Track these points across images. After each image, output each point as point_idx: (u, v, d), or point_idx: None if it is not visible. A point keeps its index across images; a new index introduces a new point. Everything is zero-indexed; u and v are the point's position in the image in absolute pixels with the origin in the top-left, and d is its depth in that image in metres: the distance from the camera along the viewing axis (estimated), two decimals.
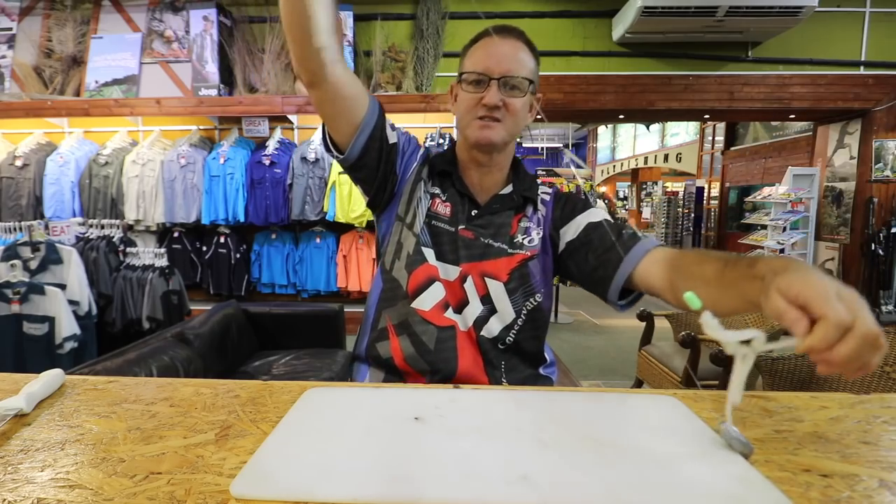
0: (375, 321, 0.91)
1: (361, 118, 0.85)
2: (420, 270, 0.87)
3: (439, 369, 0.85)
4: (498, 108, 0.85)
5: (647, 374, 2.66)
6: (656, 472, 0.48)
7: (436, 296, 0.87)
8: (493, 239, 0.89)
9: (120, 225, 3.35)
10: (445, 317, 0.87)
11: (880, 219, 4.65)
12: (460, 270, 0.87)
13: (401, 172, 0.93)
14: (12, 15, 4.56)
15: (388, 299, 0.90)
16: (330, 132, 0.87)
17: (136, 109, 4.24)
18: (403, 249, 0.89)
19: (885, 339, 0.48)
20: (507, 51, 0.86)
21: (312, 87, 0.79)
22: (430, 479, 0.47)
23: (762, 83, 4.49)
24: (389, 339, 0.88)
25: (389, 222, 0.93)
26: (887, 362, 1.60)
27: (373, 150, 0.87)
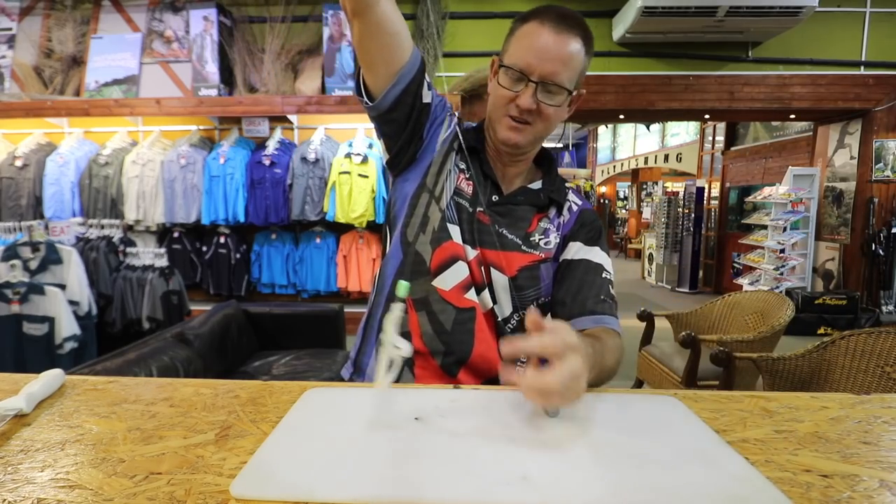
0: (392, 295, 0.84)
1: (401, 65, 0.79)
2: (445, 248, 0.82)
3: (453, 351, 0.81)
4: (531, 111, 0.79)
5: (647, 375, 2.66)
6: (656, 473, 0.48)
7: (458, 275, 0.82)
8: (508, 229, 0.85)
9: (120, 225, 3.36)
10: (466, 298, 0.82)
11: (880, 219, 4.65)
12: (477, 253, 0.83)
13: (427, 137, 0.87)
14: (12, 15, 4.56)
15: (407, 273, 0.84)
16: (366, 74, 0.80)
17: (136, 109, 4.24)
18: (430, 223, 0.83)
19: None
20: (556, 49, 0.77)
21: (357, 14, 0.72)
22: (429, 480, 0.47)
23: (762, 83, 4.49)
24: (408, 313, 0.82)
25: (410, 189, 0.87)
26: (887, 362, 1.60)
27: (405, 104, 0.81)
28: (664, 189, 8.92)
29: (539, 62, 0.77)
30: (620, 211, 13.50)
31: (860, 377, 1.65)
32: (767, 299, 2.50)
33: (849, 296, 4.65)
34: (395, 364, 0.61)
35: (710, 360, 2.00)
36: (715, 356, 1.97)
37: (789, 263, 5.10)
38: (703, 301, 2.85)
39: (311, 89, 4.32)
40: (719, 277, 7.14)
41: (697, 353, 2.24)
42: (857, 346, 1.67)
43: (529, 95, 0.78)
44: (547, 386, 0.52)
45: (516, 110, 0.80)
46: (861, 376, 1.64)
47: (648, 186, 11.54)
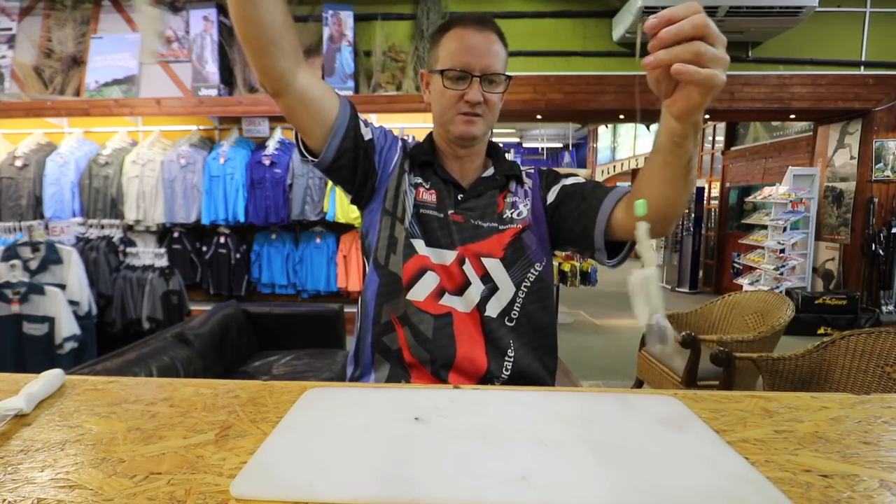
0: (377, 316, 0.90)
1: (333, 120, 0.84)
2: (411, 262, 0.87)
3: (437, 357, 0.84)
4: (479, 103, 0.86)
5: (647, 375, 2.66)
6: (656, 472, 0.48)
7: (429, 285, 0.86)
8: (482, 220, 0.91)
9: (120, 225, 3.36)
10: (440, 304, 0.86)
11: (880, 219, 4.65)
12: (457, 254, 0.87)
13: (380, 168, 0.93)
14: (12, 15, 4.56)
15: (386, 294, 0.89)
16: (303, 138, 0.86)
17: (136, 109, 4.24)
18: (397, 243, 0.89)
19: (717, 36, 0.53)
20: (485, 45, 0.86)
21: (278, 95, 0.78)
22: (429, 480, 0.47)
23: (762, 83, 4.49)
24: (396, 330, 0.87)
25: (376, 217, 0.93)
26: (887, 362, 1.60)
27: (348, 151, 0.87)
28: None
29: (476, 59, 0.85)
30: None
31: (860, 377, 1.65)
32: (767, 299, 2.50)
33: (849, 296, 4.65)
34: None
35: (710, 360, 2.00)
36: (715, 356, 1.97)
37: (789, 263, 5.10)
38: (703, 301, 2.85)
39: None
40: (719, 277, 7.14)
41: (697, 353, 2.24)
42: (857, 346, 1.67)
43: (476, 89, 0.85)
44: (698, 15, 0.51)
45: (467, 106, 0.87)
46: (861, 376, 1.64)
47: None
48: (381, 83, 4.32)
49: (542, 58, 4.48)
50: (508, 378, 0.86)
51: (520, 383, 0.86)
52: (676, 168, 0.68)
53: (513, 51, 3.62)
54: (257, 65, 0.74)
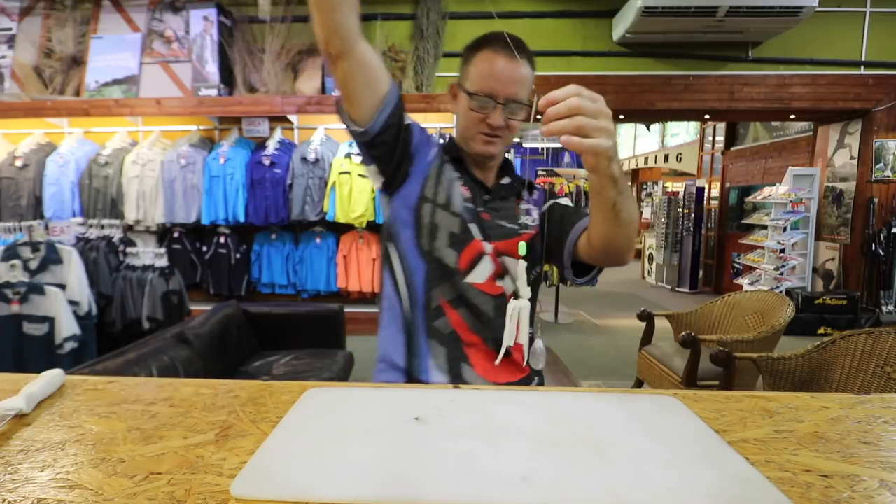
0: (427, 301, 0.93)
1: (385, 92, 0.86)
2: (471, 247, 0.93)
3: (499, 336, 0.90)
4: (501, 127, 0.92)
5: (647, 374, 2.66)
6: (656, 472, 0.48)
7: (487, 269, 0.93)
8: (505, 221, 0.98)
9: (120, 225, 3.36)
10: (497, 285, 0.93)
11: (881, 219, 4.65)
12: (493, 247, 0.94)
13: (415, 155, 0.96)
14: (12, 15, 4.56)
15: (435, 278, 0.93)
16: (349, 108, 0.87)
17: (136, 109, 4.24)
18: (441, 229, 0.92)
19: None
20: (513, 74, 0.90)
21: (343, 57, 0.79)
22: (430, 480, 0.47)
23: (762, 83, 4.49)
24: (447, 314, 0.92)
25: (412, 204, 0.94)
26: (887, 362, 1.60)
27: (393, 127, 0.89)
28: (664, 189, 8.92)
29: (502, 87, 0.90)
30: None
31: (860, 377, 1.65)
32: (767, 299, 2.50)
33: (849, 296, 4.65)
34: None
35: (710, 360, 2.00)
36: (715, 356, 1.97)
37: (789, 263, 5.10)
38: (703, 301, 2.85)
39: (311, 89, 4.32)
40: (719, 277, 7.13)
41: (697, 353, 2.24)
42: (857, 346, 1.67)
43: (499, 115, 0.91)
44: (574, 97, 0.63)
45: (488, 128, 0.92)
46: (861, 376, 1.65)
47: (648, 186, 11.54)
48: None
49: (542, 58, 4.48)
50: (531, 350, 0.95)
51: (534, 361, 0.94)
52: (605, 210, 0.76)
53: None
54: (330, 22, 0.75)
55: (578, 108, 0.63)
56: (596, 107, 0.65)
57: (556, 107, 0.64)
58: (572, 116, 0.64)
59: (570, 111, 0.64)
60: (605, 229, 0.81)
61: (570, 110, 0.64)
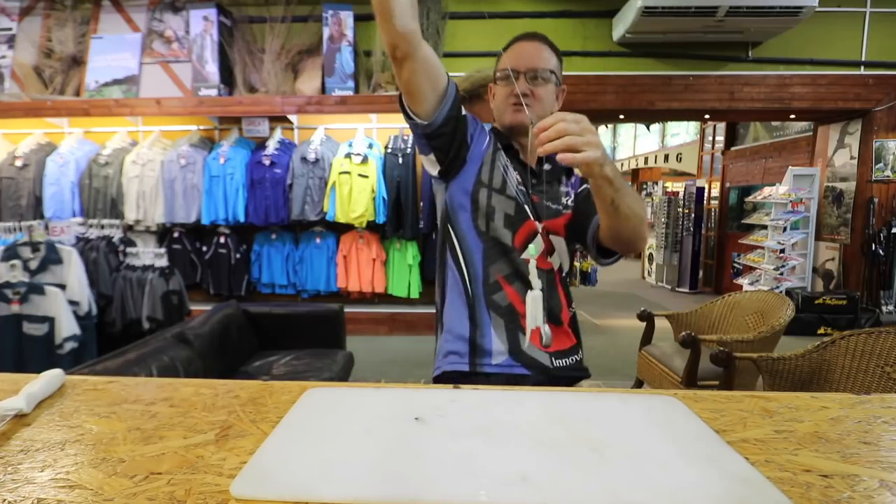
0: (486, 277, 1.02)
1: (444, 87, 0.93)
2: (525, 227, 1.01)
3: (552, 306, 1.01)
4: (526, 95, 0.98)
5: (647, 374, 2.66)
6: (656, 472, 0.48)
7: (539, 245, 0.98)
8: (552, 202, 1.06)
9: (120, 225, 3.36)
10: (548, 261, 1.03)
11: (881, 219, 4.65)
12: (543, 226, 1.02)
13: (472, 143, 1.04)
14: (12, 15, 4.56)
15: (491, 256, 1.02)
16: (412, 104, 0.93)
17: (136, 109, 4.24)
18: (497, 211, 1.01)
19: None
20: (531, 50, 1.01)
21: (408, 58, 0.85)
22: (429, 480, 0.47)
23: (762, 83, 4.49)
24: (504, 289, 1.01)
25: (469, 189, 1.03)
26: (887, 362, 1.60)
27: (453, 119, 0.96)
28: (664, 189, 8.92)
29: (522, 61, 1.00)
30: None
31: (860, 377, 1.65)
32: (767, 299, 2.50)
33: (849, 296, 4.65)
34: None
35: (710, 360, 2.00)
36: (715, 356, 1.97)
37: (789, 263, 5.10)
38: (703, 301, 2.85)
39: (311, 89, 4.32)
40: (719, 277, 7.13)
41: (697, 353, 2.23)
42: (857, 346, 1.67)
43: (522, 81, 0.99)
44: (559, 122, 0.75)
45: (514, 98, 0.99)
46: (861, 376, 1.64)
47: (648, 186, 11.54)
48: (381, 83, 4.31)
49: None
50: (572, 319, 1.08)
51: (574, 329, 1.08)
52: (605, 207, 0.87)
53: None
54: (396, 27, 0.80)
55: (565, 130, 0.75)
56: (580, 126, 0.76)
57: (547, 132, 0.75)
58: (562, 137, 0.75)
59: (557, 133, 0.75)
60: (608, 223, 0.91)
61: (558, 133, 0.75)
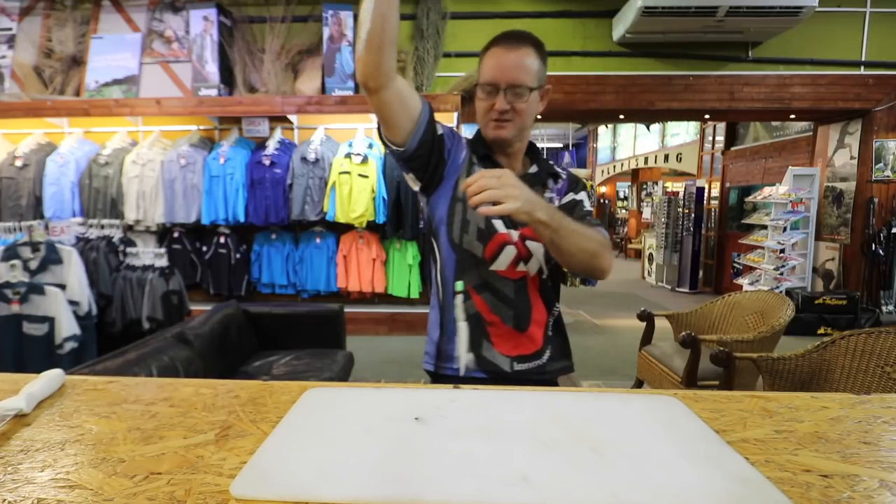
0: (457, 287, 1.07)
1: (418, 115, 0.98)
2: (495, 240, 1.05)
3: (520, 312, 1.05)
4: (506, 111, 1.01)
5: (647, 374, 2.66)
6: (656, 472, 0.48)
7: (509, 256, 1.05)
8: None
9: (120, 225, 3.35)
10: (518, 270, 1.06)
11: (881, 219, 4.65)
12: (519, 233, 1.06)
13: (449, 160, 1.07)
14: (12, 15, 4.56)
15: (464, 268, 1.06)
16: (387, 131, 0.99)
17: (136, 109, 4.23)
18: (471, 224, 1.05)
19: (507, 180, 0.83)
20: (514, 61, 1.00)
21: (381, 89, 0.90)
22: (430, 480, 0.47)
23: (762, 83, 4.49)
24: (473, 298, 1.06)
25: (445, 203, 1.07)
26: (887, 362, 1.60)
27: (427, 143, 1.01)
28: (664, 189, 8.92)
29: (503, 73, 1.00)
30: (620, 211, 13.50)
31: (860, 377, 1.65)
32: (767, 299, 2.50)
33: (849, 296, 4.65)
34: None
35: (710, 360, 2.00)
36: (715, 356, 1.97)
37: (789, 263, 5.10)
38: (703, 301, 2.85)
39: (311, 89, 4.32)
40: (719, 277, 7.13)
41: (697, 353, 2.24)
42: (857, 346, 1.67)
43: (502, 98, 1.01)
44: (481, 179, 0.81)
45: (496, 114, 1.02)
46: (861, 376, 1.65)
47: (648, 186, 11.54)
48: None
49: None
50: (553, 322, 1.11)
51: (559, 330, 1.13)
52: (547, 245, 0.96)
53: None
54: (376, 60, 0.86)
55: (486, 186, 0.81)
56: (500, 181, 0.83)
57: (471, 189, 0.82)
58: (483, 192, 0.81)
59: (479, 189, 0.81)
60: (557, 258, 0.99)
61: (480, 188, 0.81)
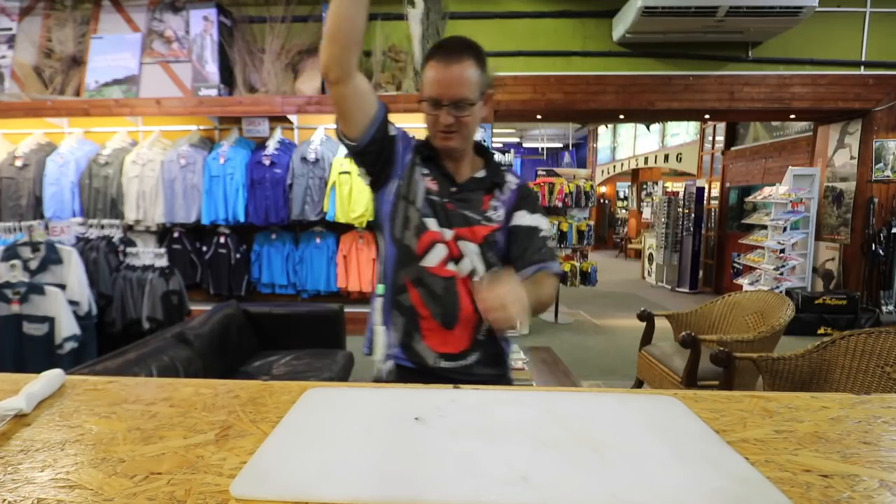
0: (395, 279, 1.12)
1: (374, 113, 1.04)
2: (425, 237, 1.09)
3: (447, 310, 1.08)
4: (451, 125, 1.06)
5: (647, 374, 2.66)
6: (656, 472, 0.48)
7: (439, 254, 1.09)
8: (469, 211, 1.12)
9: (120, 225, 3.36)
10: (447, 269, 1.09)
11: (881, 219, 4.65)
12: (453, 233, 1.10)
13: (397, 160, 1.13)
14: (12, 15, 4.56)
15: (402, 262, 1.11)
16: (342, 124, 1.05)
17: (136, 109, 4.23)
18: (410, 222, 1.10)
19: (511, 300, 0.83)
20: (454, 76, 1.04)
21: (341, 83, 0.96)
22: (430, 479, 0.47)
23: (762, 83, 4.49)
24: (409, 291, 1.10)
25: (390, 200, 1.13)
26: (887, 362, 1.60)
27: (378, 141, 1.07)
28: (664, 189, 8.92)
29: (444, 90, 1.04)
30: (620, 211, 13.49)
31: (860, 377, 1.65)
32: (767, 299, 2.50)
33: (849, 296, 4.65)
34: None
35: (710, 360, 2.00)
36: (715, 356, 1.97)
37: (789, 263, 5.10)
38: (703, 301, 2.85)
39: (311, 89, 4.32)
40: (719, 277, 7.13)
41: (697, 353, 2.24)
42: (857, 346, 1.67)
43: (446, 114, 1.05)
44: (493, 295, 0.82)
45: (442, 126, 1.07)
46: (861, 376, 1.65)
47: (648, 186, 11.54)
48: (382, 83, 4.32)
49: (542, 58, 4.48)
50: (486, 330, 1.11)
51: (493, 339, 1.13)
52: None
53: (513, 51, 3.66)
54: (338, 56, 0.92)
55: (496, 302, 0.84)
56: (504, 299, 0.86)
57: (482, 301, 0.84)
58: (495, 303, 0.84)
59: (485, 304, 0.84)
60: None
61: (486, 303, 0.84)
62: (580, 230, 5.20)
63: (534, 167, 9.85)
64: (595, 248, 11.34)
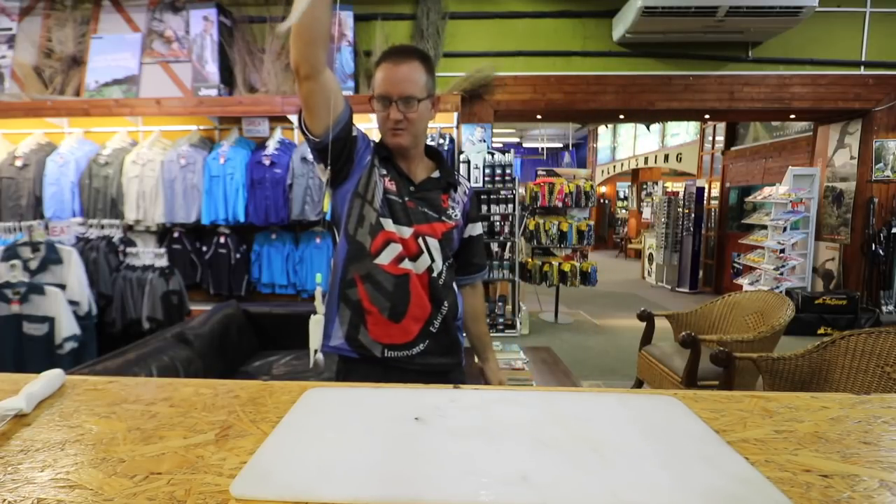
0: (345, 274, 1.17)
1: (340, 111, 1.08)
2: (380, 236, 1.14)
3: (396, 305, 1.13)
4: (400, 121, 1.12)
5: (647, 374, 2.66)
6: (656, 472, 0.48)
7: (392, 252, 1.14)
8: (429, 209, 1.19)
9: (120, 225, 3.36)
10: (400, 267, 1.14)
11: (881, 219, 4.65)
12: (413, 230, 1.15)
13: (357, 160, 1.17)
14: (12, 15, 4.56)
15: (354, 258, 1.15)
16: (308, 120, 1.07)
17: (136, 109, 4.23)
18: (365, 220, 1.15)
19: None
20: (402, 74, 1.11)
21: (310, 78, 0.98)
22: (429, 479, 0.47)
23: (762, 83, 4.49)
24: (357, 286, 1.15)
25: (347, 198, 1.17)
26: (887, 362, 1.60)
27: (341, 140, 1.10)
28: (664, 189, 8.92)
29: (392, 87, 1.11)
30: (620, 211, 13.49)
31: (860, 377, 1.65)
32: (767, 299, 2.50)
33: (849, 296, 4.65)
34: None
35: (710, 360, 2.00)
36: (715, 356, 1.97)
37: (789, 263, 5.10)
38: (703, 301, 2.85)
39: None
40: (719, 277, 7.13)
41: (697, 353, 2.24)
42: (857, 346, 1.67)
43: (395, 110, 1.12)
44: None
45: (391, 123, 1.13)
46: (861, 376, 1.65)
47: (648, 186, 11.54)
48: None
49: (542, 58, 4.48)
50: (441, 322, 1.18)
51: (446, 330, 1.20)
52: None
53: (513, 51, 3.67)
54: (306, 52, 0.95)
55: None
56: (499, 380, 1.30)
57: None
58: None
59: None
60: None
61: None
62: (580, 230, 5.20)
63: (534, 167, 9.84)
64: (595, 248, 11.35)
